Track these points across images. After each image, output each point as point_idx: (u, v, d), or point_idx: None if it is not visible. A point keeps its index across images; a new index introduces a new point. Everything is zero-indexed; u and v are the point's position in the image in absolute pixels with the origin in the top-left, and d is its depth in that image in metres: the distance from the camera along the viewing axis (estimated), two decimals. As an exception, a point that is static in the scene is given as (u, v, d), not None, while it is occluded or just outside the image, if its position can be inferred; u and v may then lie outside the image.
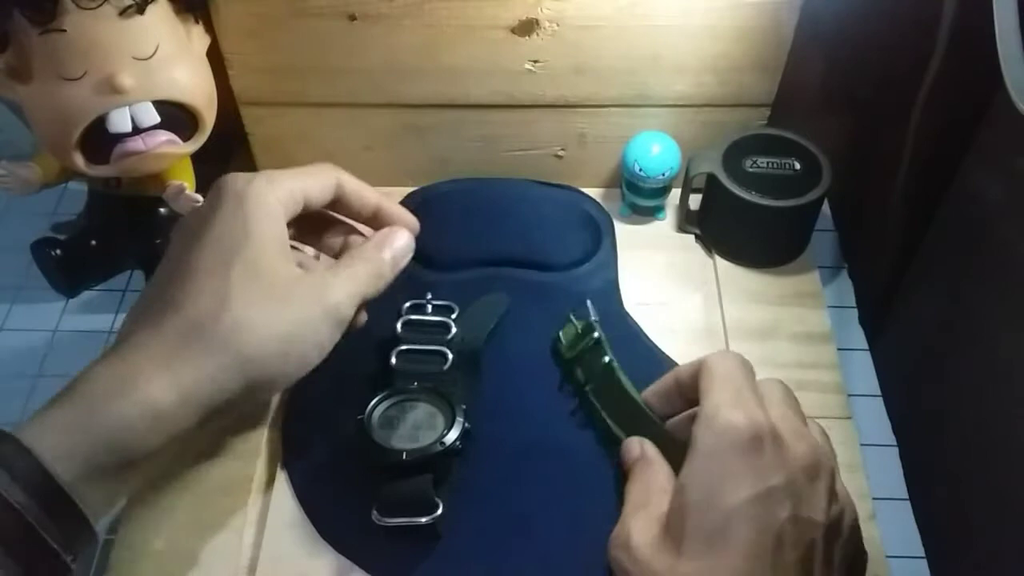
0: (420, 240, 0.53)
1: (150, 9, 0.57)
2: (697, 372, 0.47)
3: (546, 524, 0.52)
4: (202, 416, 0.40)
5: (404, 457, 0.50)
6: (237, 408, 0.41)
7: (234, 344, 0.40)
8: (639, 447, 0.50)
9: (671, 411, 0.50)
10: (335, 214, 0.52)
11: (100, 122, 0.58)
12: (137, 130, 0.59)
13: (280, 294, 0.42)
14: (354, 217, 0.51)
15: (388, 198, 0.51)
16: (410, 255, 0.50)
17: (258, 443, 0.57)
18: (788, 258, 0.67)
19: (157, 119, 0.59)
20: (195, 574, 0.51)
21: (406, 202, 0.70)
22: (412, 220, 0.52)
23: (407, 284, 0.60)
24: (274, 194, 0.44)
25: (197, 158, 0.66)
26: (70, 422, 0.37)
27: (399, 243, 0.49)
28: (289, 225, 0.46)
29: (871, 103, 0.71)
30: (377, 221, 0.51)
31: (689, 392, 0.48)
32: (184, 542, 0.53)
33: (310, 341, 0.42)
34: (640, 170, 0.66)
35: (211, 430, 0.42)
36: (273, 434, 0.58)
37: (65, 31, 0.55)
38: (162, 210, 0.66)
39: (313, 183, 0.47)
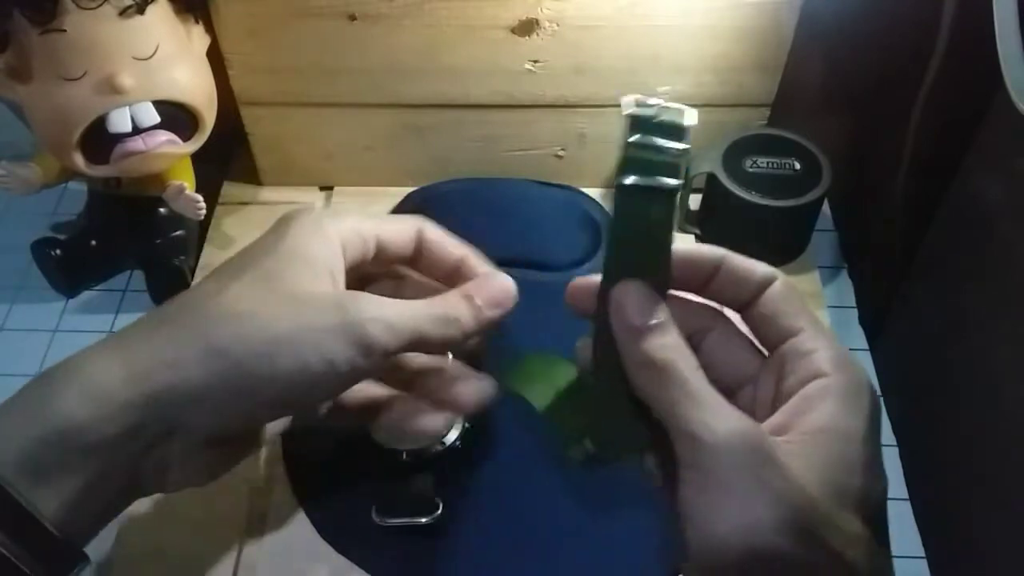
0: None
1: (150, 9, 0.57)
2: (770, 292, 0.34)
3: (546, 524, 0.52)
4: (157, 408, 0.34)
5: (404, 457, 0.50)
6: (208, 412, 0.35)
7: (203, 333, 0.34)
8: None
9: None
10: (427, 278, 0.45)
11: (100, 122, 0.58)
12: (137, 130, 0.59)
13: (292, 298, 0.36)
14: (436, 273, 0.44)
15: (477, 254, 0.44)
16: (505, 308, 0.41)
17: (258, 443, 0.57)
18: (788, 258, 0.67)
19: (157, 119, 0.59)
20: (195, 574, 0.51)
21: (406, 202, 0.70)
22: (508, 284, 0.42)
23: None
24: (334, 226, 0.39)
25: (197, 158, 0.66)
26: (10, 415, 0.33)
27: (493, 291, 0.40)
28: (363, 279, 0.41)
29: (871, 103, 0.71)
30: (459, 278, 0.43)
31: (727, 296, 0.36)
32: (184, 542, 0.53)
33: (312, 350, 0.35)
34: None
35: (188, 442, 0.35)
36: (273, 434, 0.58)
37: (65, 31, 0.55)
38: (162, 210, 0.66)
39: (389, 227, 0.41)
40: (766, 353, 0.35)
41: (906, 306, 0.70)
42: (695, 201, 0.69)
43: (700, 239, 0.69)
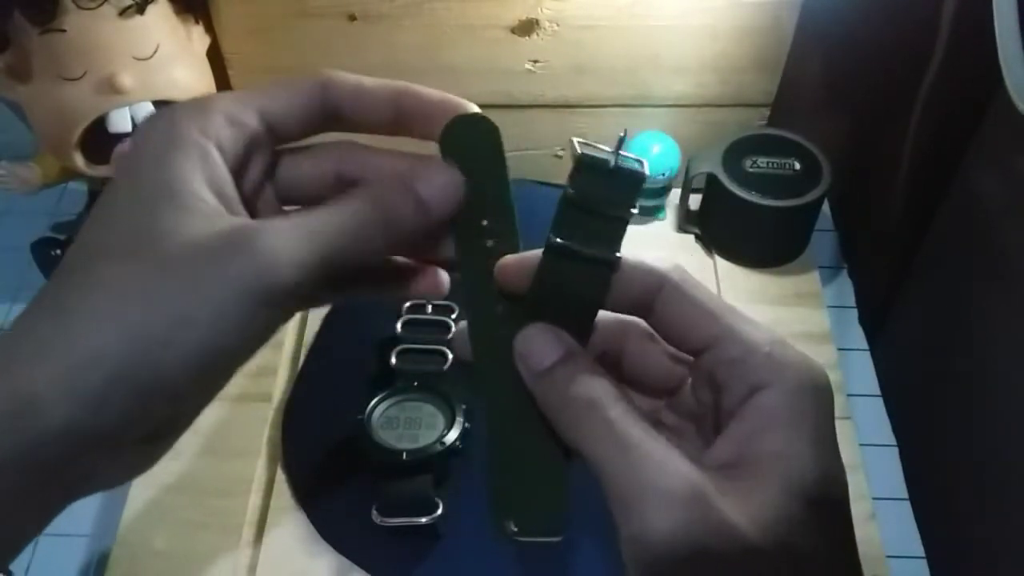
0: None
1: (150, 9, 0.57)
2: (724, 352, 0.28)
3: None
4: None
5: (404, 457, 0.50)
6: (106, 422, 0.27)
7: (65, 350, 0.26)
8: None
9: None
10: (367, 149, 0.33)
11: (100, 122, 0.58)
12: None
13: (158, 265, 0.27)
14: (368, 131, 0.32)
15: (415, 89, 0.31)
16: (455, 201, 0.29)
17: (258, 443, 0.57)
18: (788, 258, 0.67)
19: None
20: (195, 574, 0.51)
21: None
22: (465, 107, 0.30)
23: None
24: (195, 124, 0.29)
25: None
26: None
27: (440, 179, 0.29)
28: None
29: (871, 103, 0.71)
30: (402, 126, 0.32)
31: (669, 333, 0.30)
32: (184, 542, 0.53)
33: (202, 326, 0.26)
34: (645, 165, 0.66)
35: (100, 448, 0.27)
36: (273, 434, 0.58)
37: (65, 31, 0.55)
38: (162, 210, 0.66)
39: (277, 96, 0.31)
40: (688, 358, 0.30)
41: (906, 306, 0.70)
42: (695, 201, 0.69)
43: (700, 239, 0.69)
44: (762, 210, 0.62)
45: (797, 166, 0.64)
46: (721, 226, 0.68)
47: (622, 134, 0.27)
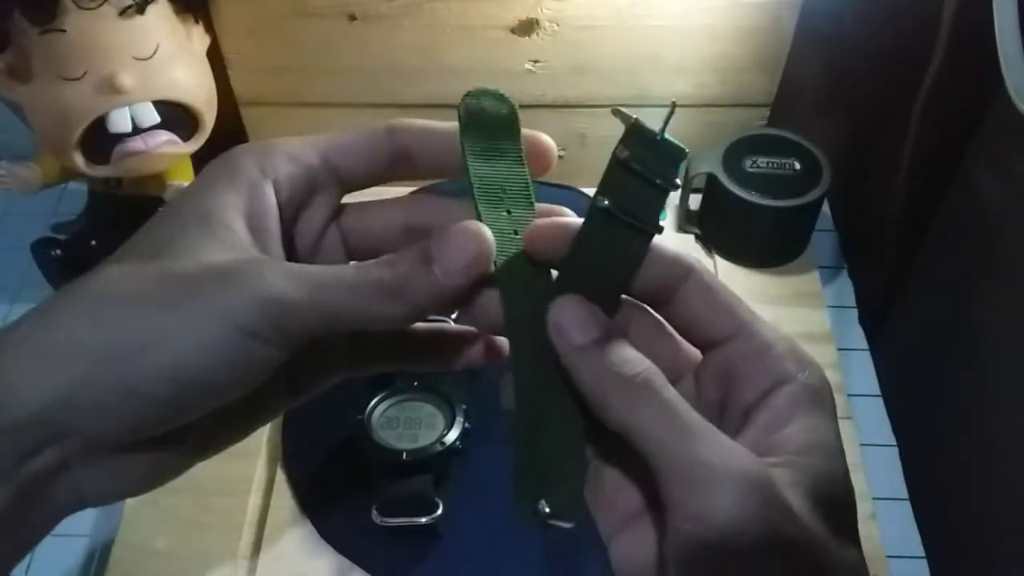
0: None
1: (150, 9, 0.57)
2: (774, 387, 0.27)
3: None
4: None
5: (404, 457, 0.50)
6: (91, 418, 0.27)
7: (68, 335, 0.26)
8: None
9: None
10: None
11: (100, 122, 0.58)
12: (137, 130, 0.59)
13: (167, 276, 0.27)
14: (438, 176, 0.32)
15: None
16: (475, 272, 0.28)
17: (258, 443, 0.57)
18: (788, 258, 0.67)
19: (157, 119, 0.59)
20: (195, 574, 0.51)
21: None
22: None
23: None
24: (254, 159, 0.29)
25: (197, 158, 0.66)
26: None
27: (458, 250, 0.27)
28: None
29: (871, 103, 0.71)
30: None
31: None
32: (184, 542, 0.53)
33: (187, 343, 0.26)
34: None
35: (85, 451, 0.28)
36: (273, 434, 0.58)
37: (65, 31, 0.55)
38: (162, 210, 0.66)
39: (342, 137, 0.31)
40: (696, 351, 0.30)
41: (906, 306, 0.70)
42: (695, 201, 0.69)
43: (700, 239, 0.69)
44: (762, 210, 0.62)
45: (797, 166, 0.64)
46: (721, 226, 0.68)
47: (671, 108, 0.29)
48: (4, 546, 0.28)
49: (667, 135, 0.28)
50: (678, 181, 0.28)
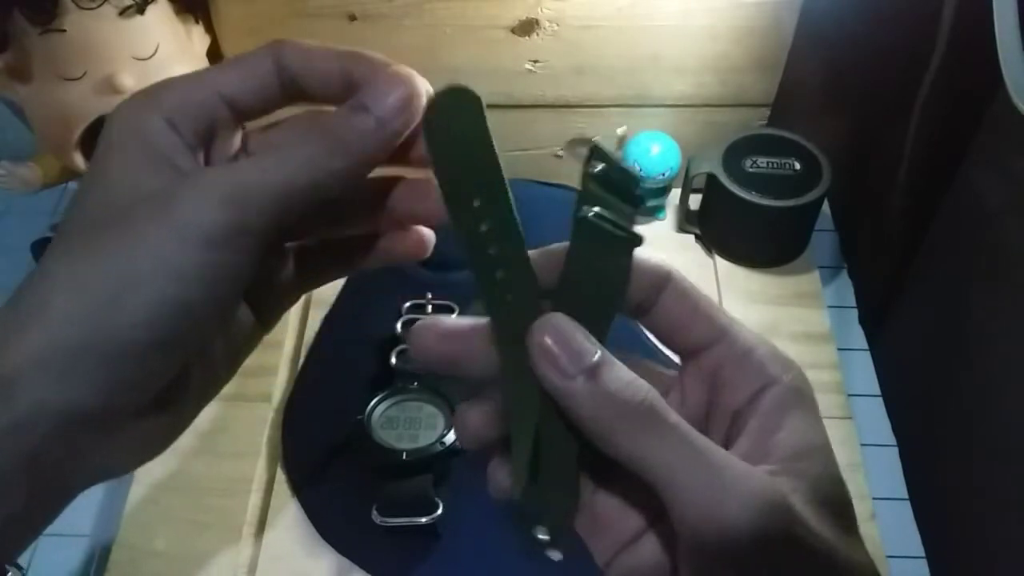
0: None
1: (150, 9, 0.57)
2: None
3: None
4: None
5: (404, 457, 0.50)
6: (72, 386, 0.26)
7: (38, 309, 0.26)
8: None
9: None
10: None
11: (100, 122, 0.58)
12: (137, 130, 0.59)
13: (106, 228, 0.26)
14: (325, 103, 0.31)
15: (368, 53, 0.30)
16: (414, 110, 0.28)
17: (258, 443, 0.57)
18: (788, 258, 0.67)
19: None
20: (195, 574, 0.51)
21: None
22: (408, 76, 0.29)
23: (407, 284, 0.60)
24: (153, 109, 0.28)
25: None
26: None
27: (390, 90, 0.28)
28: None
29: (871, 103, 0.71)
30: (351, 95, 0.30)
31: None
32: (184, 542, 0.53)
33: (154, 275, 0.25)
34: (640, 170, 0.66)
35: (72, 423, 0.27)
36: (273, 434, 0.58)
37: (65, 31, 0.55)
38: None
39: (231, 75, 0.30)
40: (677, 359, 0.30)
41: (906, 306, 0.70)
42: (695, 201, 0.69)
43: (700, 239, 0.69)
44: (762, 210, 0.62)
45: (797, 166, 0.64)
46: (721, 226, 0.68)
47: (620, 133, 0.28)
48: (21, 534, 0.28)
49: (621, 162, 0.27)
50: (640, 195, 0.27)
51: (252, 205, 0.26)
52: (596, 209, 0.26)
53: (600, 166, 0.27)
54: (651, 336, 0.29)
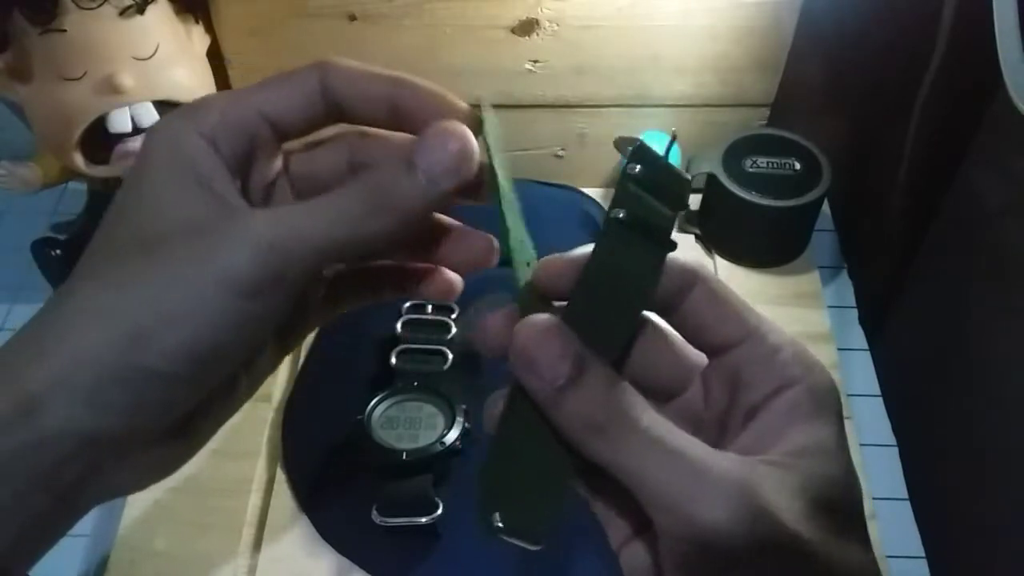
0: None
1: (150, 9, 0.57)
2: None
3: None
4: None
5: (404, 457, 0.50)
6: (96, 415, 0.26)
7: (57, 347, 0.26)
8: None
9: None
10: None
11: (100, 122, 0.58)
12: (137, 130, 0.59)
13: (144, 259, 0.26)
14: (368, 124, 0.31)
15: (414, 80, 0.30)
16: (465, 170, 0.27)
17: (258, 443, 0.57)
18: (788, 258, 0.67)
19: (157, 119, 0.59)
20: (195, 574, 0.51)
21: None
22: (462, 133, 0.28)
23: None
24: (193, 128, 0.28)
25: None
26: None
27: (441, 148, 0.27)
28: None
29: (871, 103, 0.71)
30: (398, 122, 0.30)
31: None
32: (184, 542, 0.53)
33: (189, 321, 0.26)
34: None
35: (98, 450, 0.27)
36: (273, 434, 0.58)
37: (65, 31, 0.55)
38: (162, 210, 0.66)
39: (274, 94, 0.29)
40: (703, 356, 0.30)
41: (906, 306, 0.70)
42: (695, 201, 0.69)
43: (700, 239, 0.69)
44: (762, 210, 0.62)
45: (797, 166, 0.64)
46: (721, 226, 0.68)
47: (672, 138, 0.28)
48: (34, 547, 0.28)
49: (670, 161, 0.27)
50: (687, 201, 0.27)
51: (295, 257, 0.26)
52: (623, 213, 0.26)
53: (639, 167, 0.27)
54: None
